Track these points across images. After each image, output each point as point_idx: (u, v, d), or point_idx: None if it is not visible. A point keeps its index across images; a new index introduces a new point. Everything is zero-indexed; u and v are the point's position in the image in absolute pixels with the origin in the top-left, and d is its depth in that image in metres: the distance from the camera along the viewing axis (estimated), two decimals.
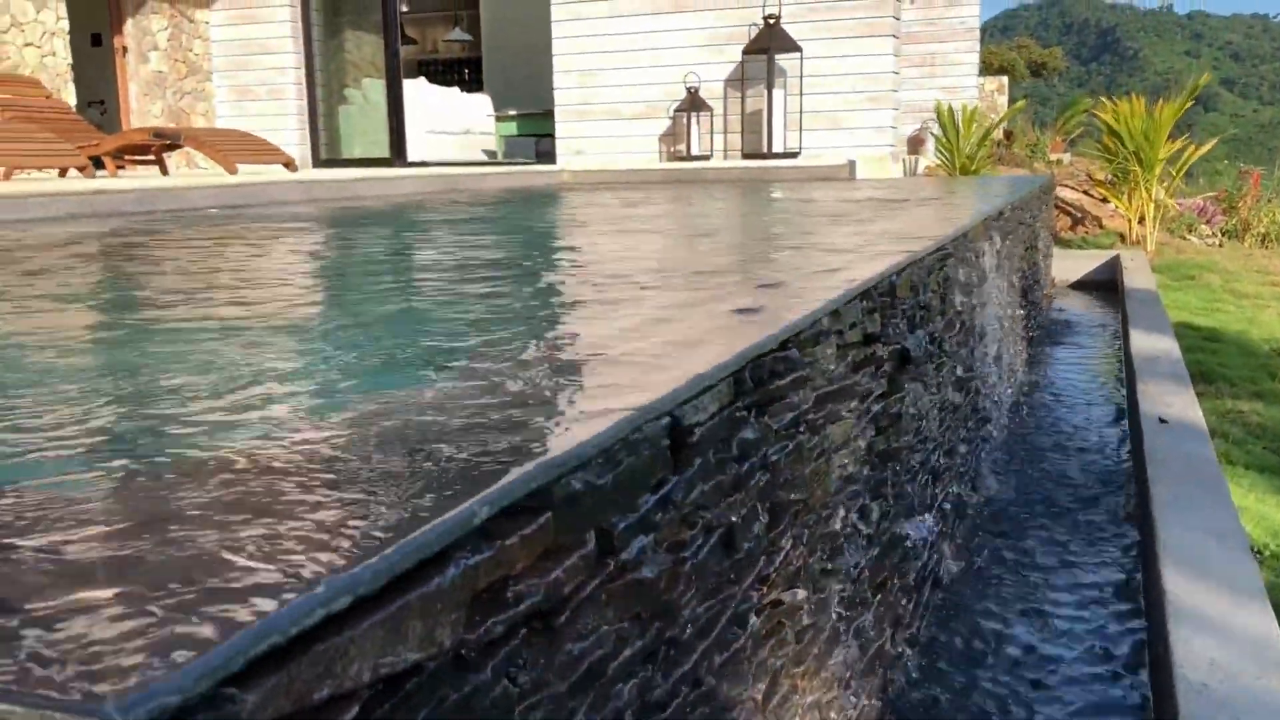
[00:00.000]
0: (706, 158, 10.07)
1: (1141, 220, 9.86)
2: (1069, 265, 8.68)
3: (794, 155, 9.83)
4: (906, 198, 5.60)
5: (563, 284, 2.56)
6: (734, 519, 1.32)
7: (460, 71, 18.03)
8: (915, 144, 14.48)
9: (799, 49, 9.68)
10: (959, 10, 14.41)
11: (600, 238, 3.85)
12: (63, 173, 7.02)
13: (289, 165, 8.02)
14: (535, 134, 13.54)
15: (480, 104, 14.71)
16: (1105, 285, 8.34)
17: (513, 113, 13.67)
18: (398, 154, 11.72)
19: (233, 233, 4.40)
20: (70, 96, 10.01)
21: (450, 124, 13.53)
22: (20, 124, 7.76)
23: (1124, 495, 3.46)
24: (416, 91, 12.81)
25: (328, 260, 3.49)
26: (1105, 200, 10.47)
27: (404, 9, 13.71)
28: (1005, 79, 18.70)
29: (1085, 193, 11.16)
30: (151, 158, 8.23)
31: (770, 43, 9.69)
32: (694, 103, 10.01)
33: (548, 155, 12.46)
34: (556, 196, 7.53)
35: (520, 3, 15.47)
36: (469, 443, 0.97)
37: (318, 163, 11.84)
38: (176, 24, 11.25)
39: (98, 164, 7.80)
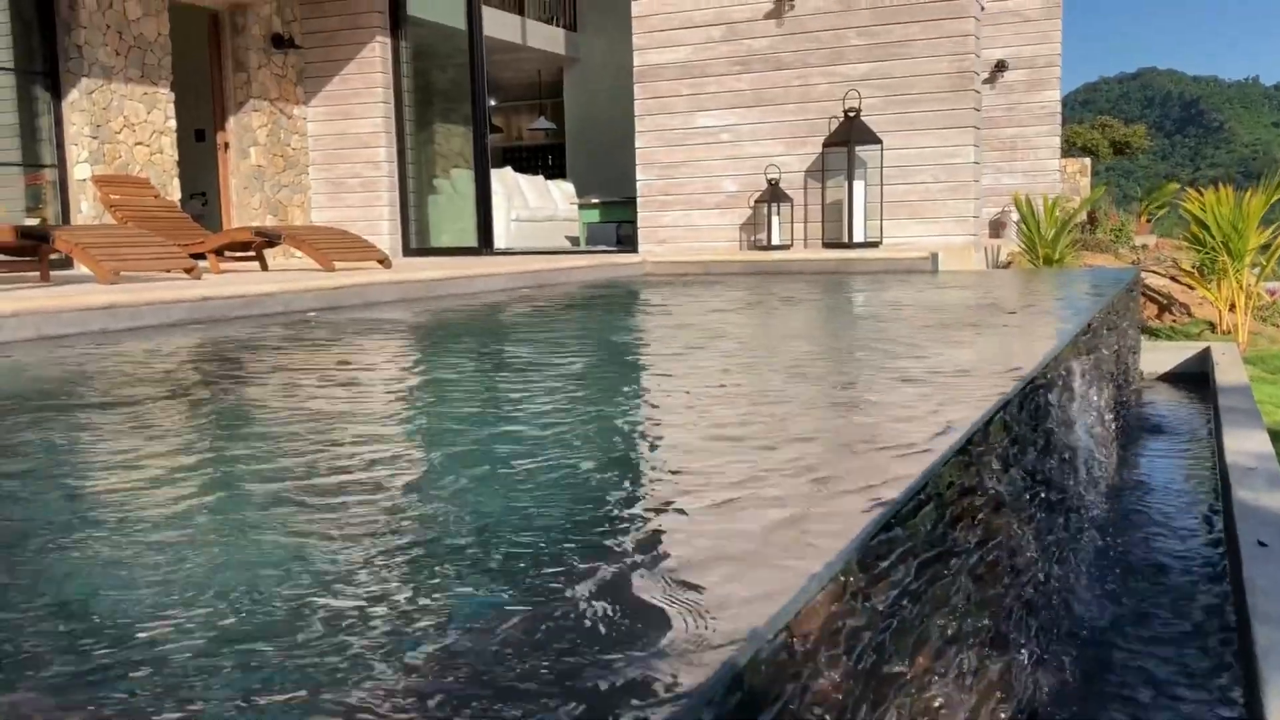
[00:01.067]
0: (787, 247, 10.17)
1: (1232, 308, 9.70)
2: (1157, 357, 8.56)
3: (875, 245, 9.89)
4: (990, 303, 5.61)
5: (655, 442, 2.64)
6: (841, 709, 1.37)
7: (544, 157, 18.49)
8: (997, 227, 14.45)
9: (879, 141, 9.79)
10: (1039, 95, 14.44)
11: (681, 368, 3.93)
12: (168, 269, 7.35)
13: (383, 262, 8.29)
14: (617, 220, 13.79)
15: (564, 191, 15.05)
16: (1196, 378, 8.20)
17: (595, 200, 13.95)
18: (485, 242, 12.02)
19: (333, 347, 4.58)
20: (175, 191, 10.50)
21: (535, 212, 13.86)
22: (133, 224, 8.17)
23: (1221, 622, 3.41)
24: (503, 181, 13.18)
25: (413, 409, 3.62)
26: (1193, 287, 10.32)
27: (492, 103, 14.17)
28: (1088, 160, 18.60)
29: (1173, 279, 11.02)
30: (252, 253, 8.58)
31: (850, 135, 9.82)
32: (774, 194, 10.15)
33: (629, 240, 12.68)
34: (639, 295, 7.66)
35: (603, 93, 15.88)
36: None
37: (408, 251, 12.19)
38: (275, 120, 11.75)
39: (198, 256, 8.16)
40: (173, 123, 10.45)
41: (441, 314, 6.28)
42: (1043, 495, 3.10)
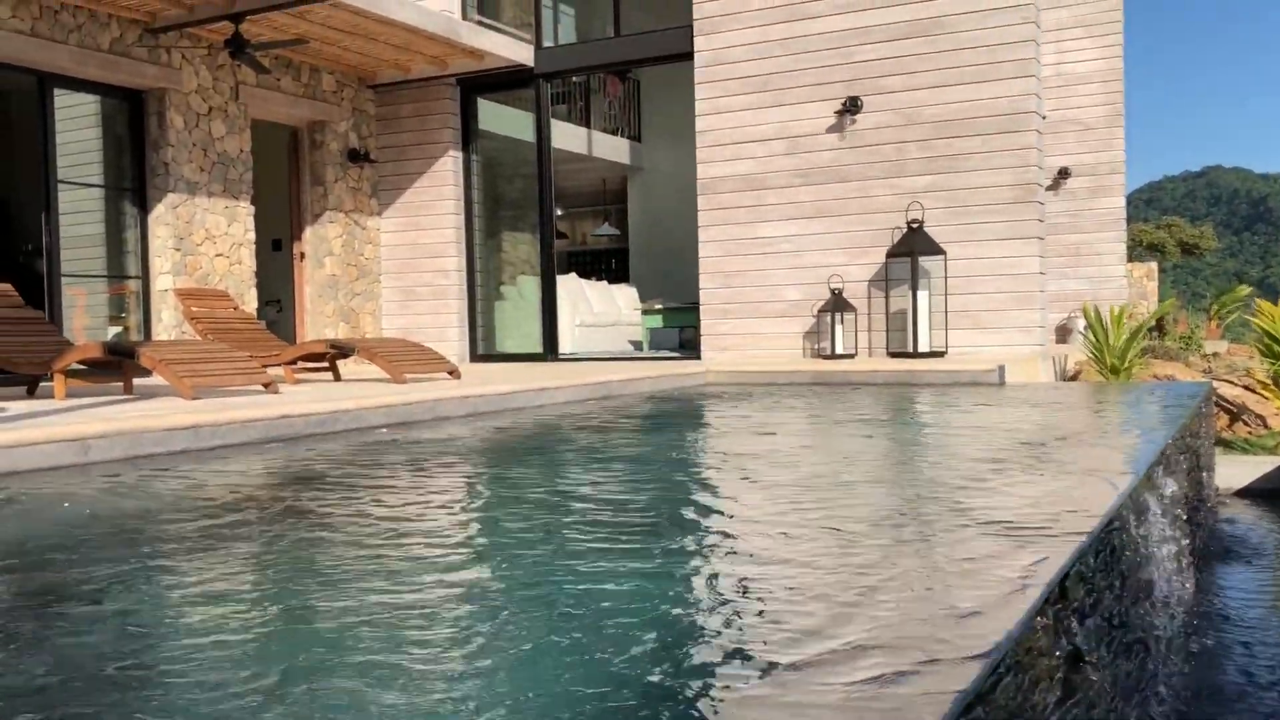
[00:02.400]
0: (852, 356, 10.18)
1: None
2: (1233, 471, 8.38)
3: (940, 354, 9.87)
4: (1061, 433, 5.57)
5: (726, 604, 2.65)
6: None
7: (608, 261, 18.79)
8: (1063, 332, 14.35)
9: (942, 251, 9.84)
10: (1104, 201, 14.44)
11: (744, 506, 3.94)
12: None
13: (453, 373, 8.45)
14: (679, 325, 13.93)
15: (627, 296, 15.25)
16: (1274, 494, 8.00)
17: (658, 306, 14.12)
18: (550, 348, 12.19)
19: (403, 472, 4.67)
20: (252, 300, 10.83)
21: (599, 317, 14.05)
22: (212, 336, 8.43)
23: None
24: (568, 287, 13.40)
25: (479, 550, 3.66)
26: (1269, 398, 10.12)
27: (559, 212, 14.49)
28: (1154, 265, 18.47)
29: (1246, 388, 10.82)
30: (326, 364, 8.79)
31: (914, 245, 9.89)
32: (838, 302, 10.21)
33: (691, 344, 12.78)
34: (703, 411, 7.71)
35: (666, 200, 16.18)
36: None
37: (475, 357, 12.40)
38: (350, 231, 12.12)
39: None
40: (252, 234, 10.84)
41: (510, 432, 6.37)
42: (1119, 638, 3.05)
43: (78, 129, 10.13)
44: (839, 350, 10.13)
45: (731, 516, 3.48)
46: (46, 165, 9.33)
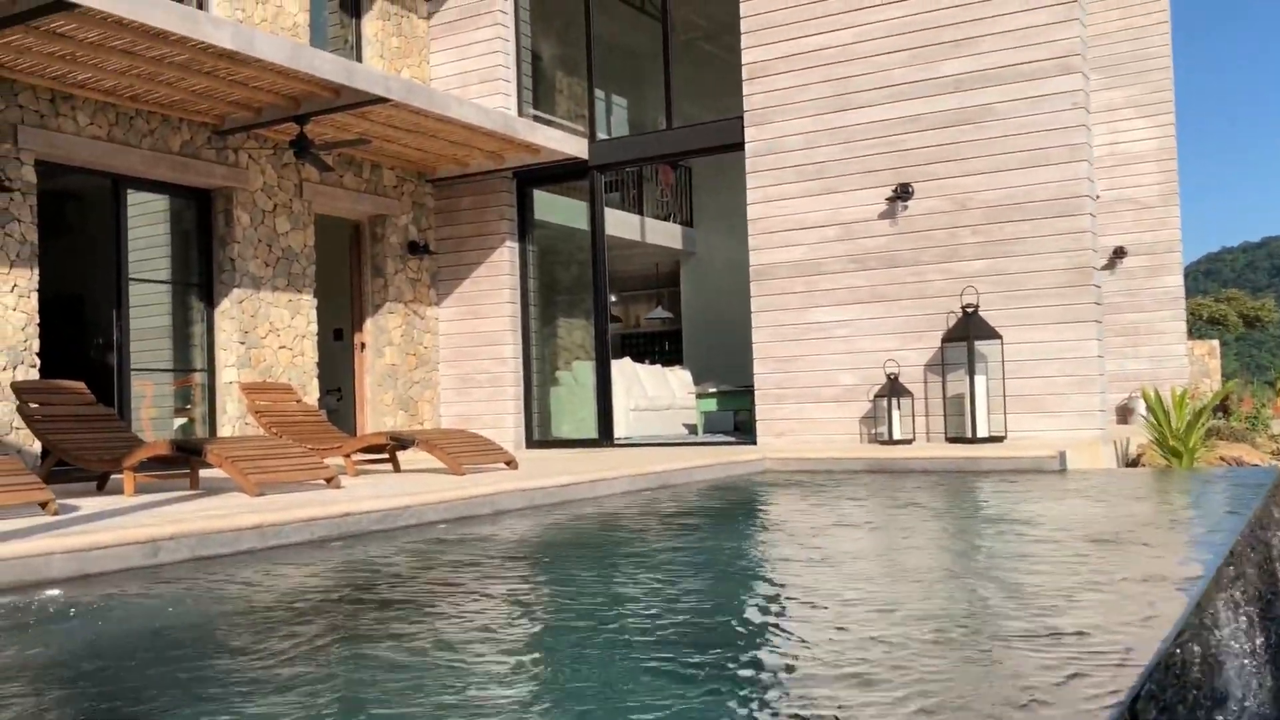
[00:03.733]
0: (909, 441, 10.12)
1: None
2: None
3: (999, 439, 9.78)
4: (1126, 529, 5.48)
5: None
6: None
7: (661, 344, 18.90)
8: (1124, 413, 14.15)
9: (998, 336, 9.80)
10: (1161, 280, 14.33)
11: (807, 624, 3.92)
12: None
13: (510, 464, 8.52)
14: (734, 408, 13.94)
15: (681, 379, 15.31)
16: None
17: (712, 389, 14.15)
18: (605, 433, 12.23)
19: (461, 578, 4.71)
20: (314, 391, 11.03)
21: (654, 401, 14.10)
22: (276, 429, 8.59)
23: None
24: (622, 371, 13.49)
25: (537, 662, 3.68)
26: None
27: (612, 298, 14.66)
28: (1216, 343, 18.19)
29: None
30: (386, 455, 8.91)
31: (969, 330, 9.86)
32: (894, 388, 10.17)
33: (746, 427, 12.75)
34: (761, 503, 7.69)
35: (719, 283, 16.30)
36: None
37: (531, 443, 12.48)
38: (409, 321, 12.35)
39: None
40: (314, 327, 11.08)
41: (568, 529, 6.40)
42: None
43: (148, 226, 10.49)
44: (896, 436, 10.07)
45: (792, 634, 3.46)
46: (118, 262, 9.65)
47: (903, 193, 10.24)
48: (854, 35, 10.53)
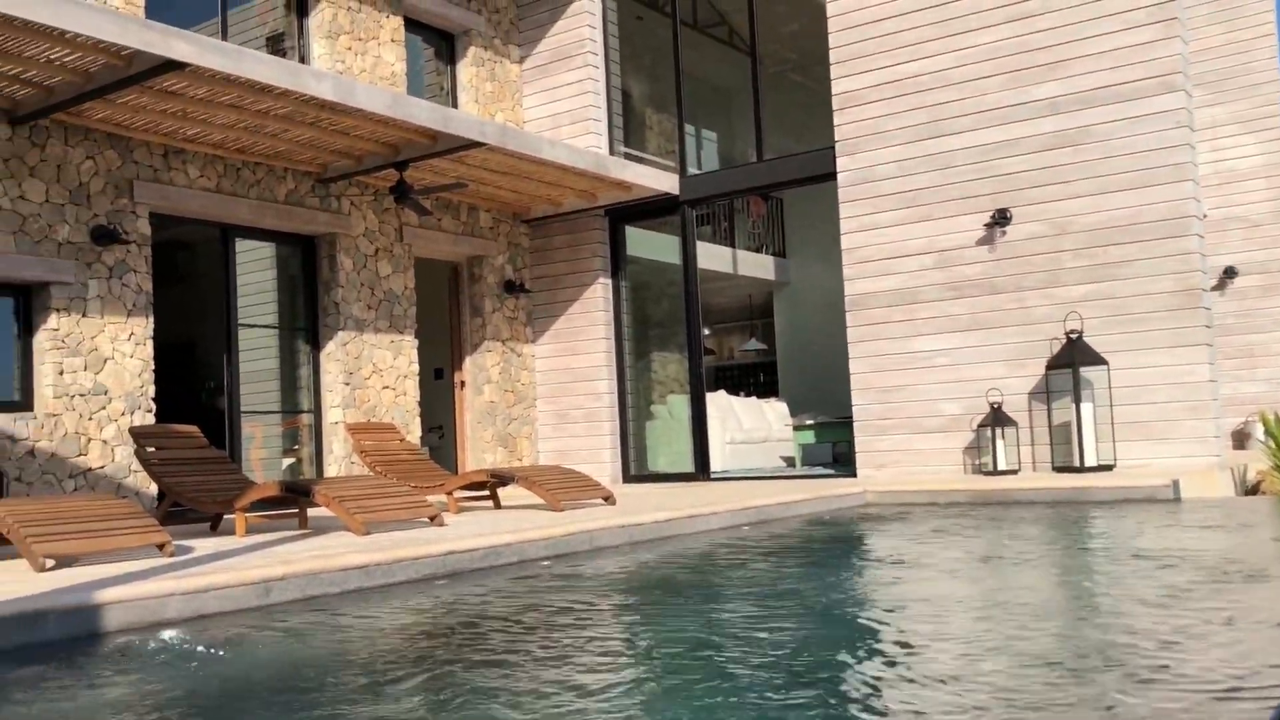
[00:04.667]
0: (1015, 471, 9.89)
1: None
2: None
3: (1109, 468, 9.50)
4: (1250, 565, 5.27)
5: None
6: None
7: (755, 376, 18.83)
8: (1241, 437, 13.64)
9: (1104, 362, 9.54)
10: (1276, 299, 13.84)
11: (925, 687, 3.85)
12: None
13: (608, 499, 8.55)
14: (832, 440, 13.79)
15: (777, 411, 15.21)
16: None
17: (810, 421, 14.02)
18: (701, 467, 12.20)
19: (564, 617, 4.72)
20: (416, 429, 11.23)
21: (750, 433, 14.04)
22: (380, 468, 8.75)
23: None
24: (717, 404, 13.46)
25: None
26: None
27: (706, 331, 14.68)
28: None
29: None
30: (487, 493, 9.01)
31: (1074, 356, 9.62)
32: (997, 417, 9.96)
33: (844, 458, 12.60)
34: (865, 540, 7.57)
35: (814, 313, 16.20)
36: None
37: (628, 478, 12.51)
38: (507, 359, 12.51)
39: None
40: (416, 367, 11.29)
41: (668, 566, 6.38)
42: None
43: (255, 273, 10.84)
44: (1001, 466, 9.85)
45: (902, 676, 3.40)
46: (228, 309, 9.97)
47: (1001, 218, 10.06)
48: (946, 61, 10.43)
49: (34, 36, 7.06)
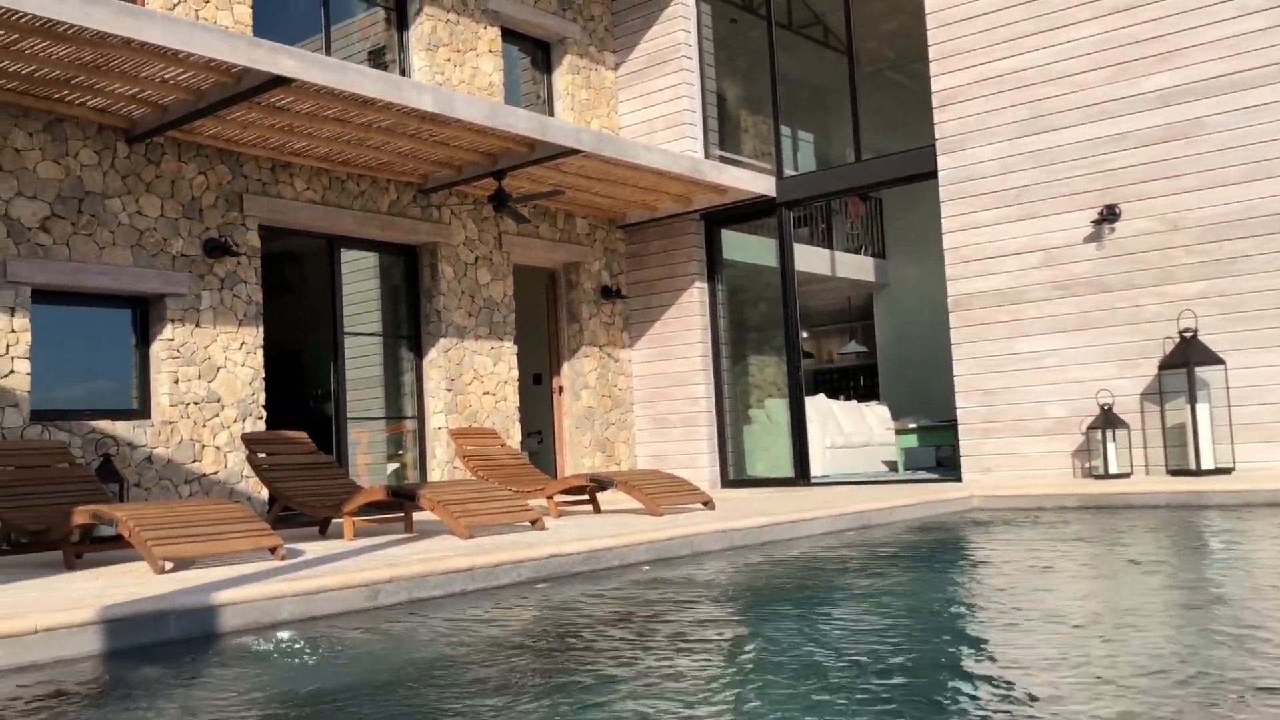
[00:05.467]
0: (1127, 475, 9.59)
1: None
2: None
3: (1227, 471, 9.15)
4: None
5: None
6: None
7: (855, 379, 18.61)
8: None
9: (1221, 361, 9.20)
10: None
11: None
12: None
13: (707, 504, 8.53)
14: (936, 444, 13.54)
15: (878, 415, 15.01)
16: None
17: (912, 425, 13.78)
18: (801, 472, 12.10)
19: (666, 622, 4.71)
20: (516, 434, 11.35)
21: (850, 438, 13.87)
22: (482, 472, 8.87)
23: None
24: (816, 408, 13.34)
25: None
26: None
27: (804, 334, 14.56)
28: None
29: None
30: (586, 497, 9.06)
31: (1189, 356, 9.30)
32: (1108, 419, 9.67)
33: (949, 462, 12.37)
34: (973, 547, 7.42)
35: (915, 314, 15.94)
36: None
37: (726, 483, 12.47)
38: (604, 364, 12.58)
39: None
40: (515, 372, 11.43)
41: (770, 571, 6.33)
42: None
43: (360, 282, 11.09)
44: (1112, 470, 9.56)
45: (1017, 686, 3.31)
46: (334, 317, 10.21)
47: (1109, 214, 9.78)
48: (1050, 55, 10.18)
49: (150, 57, 7.33)
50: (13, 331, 7.75)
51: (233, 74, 7.74)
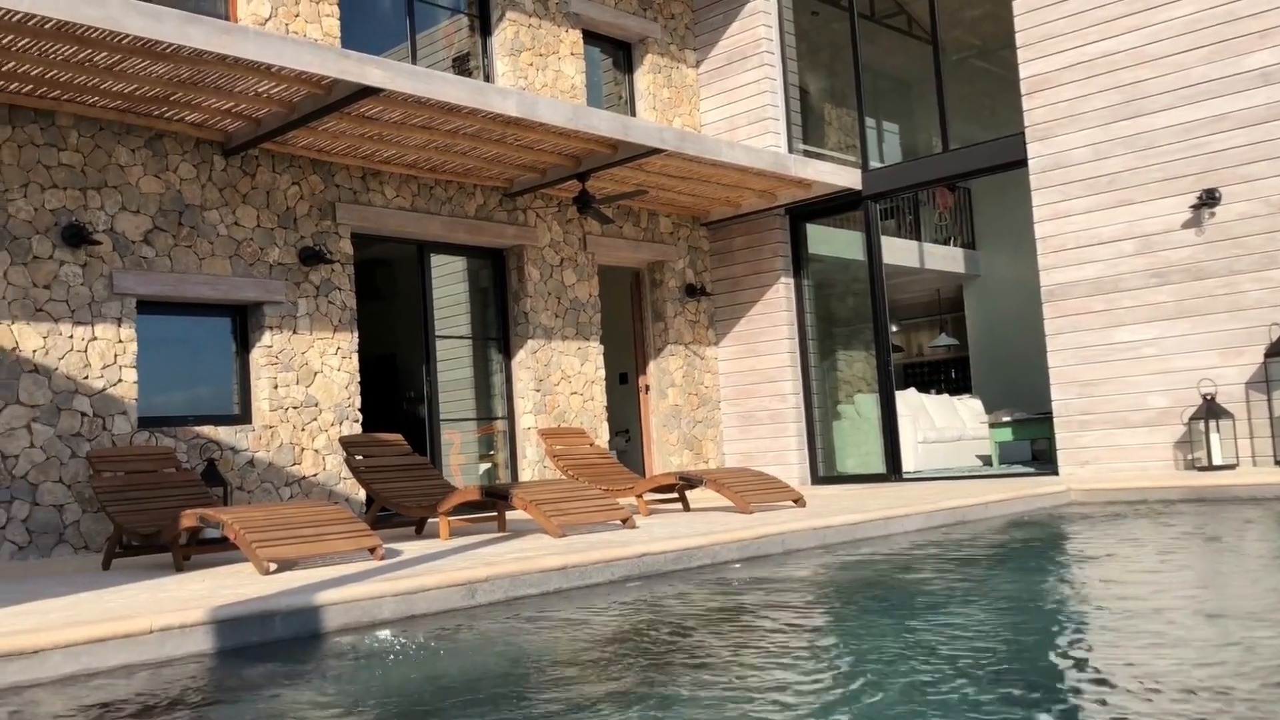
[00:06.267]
0: (1233, 466, 9.30)
1: None
2: None
3: None
4: None
5: None
6: None
7: (946, 372, 18.33)
8: None
9: None
10: None
11: None
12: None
13: (798, 502, 8.49)
14: (1030, 437, 13.28)
15: (970, 408, 14.76)
16: None
17: (1006, 419, 13.54)
18: (893, 468, 11.96)
19: (761, 620, 4.70)
20: (604, 433, 11.42)
21: (942, 432, 13.67)
22: (572, 471, 8.95)
23: None
24: (907, 402, 13.16)
25: None
26: None
27: (893, 328, 14.38)
28: None
29: None
30: (675, 495, 9.08)
31: None
32: (1211, 409, 9.39)
33: (1044, 456, 12.12)
34: (1073, 540, 7.27)
35: (1007, 305, 15.65)
36: None
37: (816, 480, 12.38)
38: (690, 362, 12.58)
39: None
40: (602, 372, 11.49)
41: (865, 569, 6.28)
42: None
43: (449, 286, 11.26)
44: (1216, 461, 9.28)
45: (1121, 690, 3.24)
46: (425, 321, 10.38)
47: (1209, 198, 9.49)
48: (1142, 37, 9.91)
49: (244, 72, 7.54)
50: (120, 341, 8.04)
51: (323, 85, 7.92)
